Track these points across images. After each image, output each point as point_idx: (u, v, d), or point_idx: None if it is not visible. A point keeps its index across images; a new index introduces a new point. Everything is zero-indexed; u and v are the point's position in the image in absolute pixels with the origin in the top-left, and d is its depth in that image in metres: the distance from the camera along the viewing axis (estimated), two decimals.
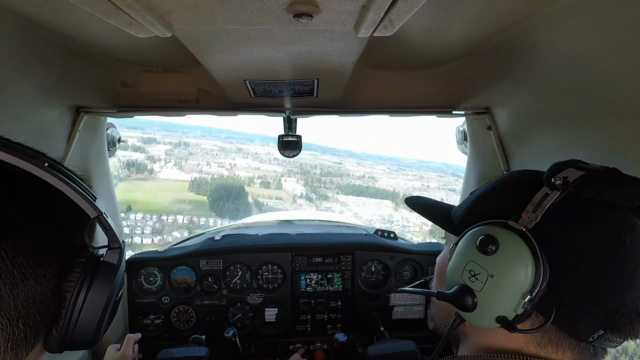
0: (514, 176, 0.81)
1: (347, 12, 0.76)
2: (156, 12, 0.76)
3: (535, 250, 0.64)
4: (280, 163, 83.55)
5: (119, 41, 1.22)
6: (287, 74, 1.29)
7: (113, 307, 0.66)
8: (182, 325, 2.07)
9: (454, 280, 0.73)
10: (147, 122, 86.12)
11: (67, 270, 0.58)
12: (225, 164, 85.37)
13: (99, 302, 0.60)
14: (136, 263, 2.03)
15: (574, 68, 1.06)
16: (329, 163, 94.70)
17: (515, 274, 0.64)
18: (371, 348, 1.67)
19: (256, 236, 2.21)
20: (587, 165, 0.68)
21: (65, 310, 0.57)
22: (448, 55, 1.39)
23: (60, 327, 0.57)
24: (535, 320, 0.67)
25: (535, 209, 0.65)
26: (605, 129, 1.11)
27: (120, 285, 0.68)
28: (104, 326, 0.64)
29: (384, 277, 2.16)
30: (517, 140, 1.63)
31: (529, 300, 0.63)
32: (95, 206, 0.59)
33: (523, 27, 1.06)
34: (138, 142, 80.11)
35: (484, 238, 0.67)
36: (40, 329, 0.55)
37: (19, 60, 1.14)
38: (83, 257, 0.60)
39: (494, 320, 0.67)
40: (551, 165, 0.70)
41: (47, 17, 1.04)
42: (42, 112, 1.40)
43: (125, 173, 68.82)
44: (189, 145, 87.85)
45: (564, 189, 0.64)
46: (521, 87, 1.37)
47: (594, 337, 0.64)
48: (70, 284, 0.57)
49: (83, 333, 0.59)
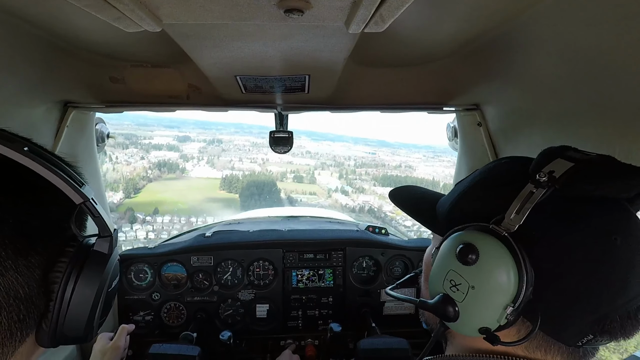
0: (501, 168, 0.75)
1: (338, 7, 0.76)
2: (145, 6, 0.75)
3: (518, 257, 0.60)
4: (313, 156, 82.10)
5: (107, 36, 1.21)
6: (278, 70, 1.29)
7: (107, 298, 0.63)
8: (172, 321, 2.07)
9: (436, 289, 0.70)
10: (182, 121, 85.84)
11: (53, 260, 0.55)
12: (257, 159, 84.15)
13: (89, 293, 0.57)
14: (126, 259, 2.02)
15: (562, 66, 1.07)
16: (362, 154, 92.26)
17: (497, 284, 0.60)
18: (363, 342, 1.68)
19: (247, 232, 2.21)
20: (577, 155, 0.63)
21: (53, 302, 0.55)
22: (438, 52, 1.39)
23: (49, 321, 0.55)
24: (521, 326, 0.65)
25: (520, 209, 0.60)
26: (593, 126, 1.13)
27: (114, 276, 0.65)
28: (98, 319, 0.61)
29: (375, 273, 2.17)
30: (507, 136, 1.65)
31: (512, 311, 0.60)
32: (81, 192, 0.56)
33: (512, 25, 1.06)
34: (173, 140, 79.33)
35: (463, 247, 0.63)
36: (29, 323, 0.53)
37: (5, 56, 1.12)
38: (71, 246, 0.57)
39: (477, 331, 0.64)
40: (538, 155, 0.66)
41: (33, 12, 1.02)
42: (28, 108, 1.38)
43: (156, 173, 67.80)
44: (222, 142, 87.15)
45: (549, 186, 0.59)
46: (510, 85, 1.38)
47: (583, 342, 0.61)
48: (57, 275, 0.55)
49: (73, 327, 0.57)
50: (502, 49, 1.21)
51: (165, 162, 71.81)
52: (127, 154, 70.35)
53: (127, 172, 63.46)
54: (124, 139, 73.82)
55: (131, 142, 74.51)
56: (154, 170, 68.02)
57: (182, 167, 72.08)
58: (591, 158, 0.62)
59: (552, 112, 1.28)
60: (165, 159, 72.73)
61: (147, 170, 66.57)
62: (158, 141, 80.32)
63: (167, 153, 74.99)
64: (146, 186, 61.64)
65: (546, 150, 0.66)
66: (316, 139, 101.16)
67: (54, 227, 0.57)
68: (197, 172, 72.56)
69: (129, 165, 65.74)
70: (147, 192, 59.96)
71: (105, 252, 0.60)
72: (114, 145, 69.00)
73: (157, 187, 64.17)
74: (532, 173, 0.62)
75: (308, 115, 1.92)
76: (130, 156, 70.01)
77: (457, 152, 2.03)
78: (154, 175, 66.96)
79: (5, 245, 0.49)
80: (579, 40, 0.95)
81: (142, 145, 75.77)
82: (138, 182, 60.96)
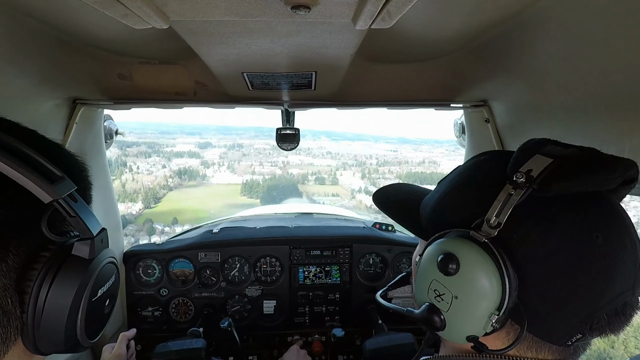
0: (480, 165, 0.73)
1: (345, 3, 0.76)
2: (153, 3, 0.75)
3: (499, 263, 0.58)
4: (334, 156, 79.16)
5: (115, 33, 1.21)
6: (285, 67, 1.29)
7: (94, 307, 0.57)
8: (180, 317, 2.08)
9: (422, 297, 0.69)
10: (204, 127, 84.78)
11: (28, 266, 0.51)
12: (278, 162, 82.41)
13: (63, 303, 0.52)
14: (134, 255, 2.04)
15: (570, 60, 1.06)
16: (383, 152, 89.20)
17: (479, 293, 0.59)
18: (369, 341, 1.69)
19: (254, 229, 2.22)
20: (557, 149, 0.61)
21: (26, 313, 0.51)
22: (445, 48, 1.38)
23: (25, 332, 0.51)
24: (510, 329, 0.64)
25: (499, 212, 0.59)
26: (601, 121, 1.11)
27: (102, 282, 0.59)
28: (82, 329, 0.56)
29: (382, 270, 2.17)
30: (514, 132, 1.63)
31: (497, 319, 0.59)
32: (50, 190, 0.50)
33: (519, 20, 1.05)
34: (195, 147, 78.14)
35: (443, 258, 0.62)
36: (9, 331, 0.50)
37: (13, 53, 1.13)
38: (48, 250, 0.53)
39: (464, 339, 0.64)
40: (517, 150, 0.64)
41: (42, 9, 1.02)
42: (37, 104, 1.39)
43: (177, 182, 66.81)
44: (242, 146, 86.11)
45: (527, 186, 0.58)
46: (518, 80, 1.37)
47: (572, 341, 0.61)
48: (29, 283, 0.50)
49: (51, 337, 0.52)
50: (510, 44, 1.20)
51: (186, 169, 70.64)
52: (149, 162, 69.38)
53: (149, 181, 62.13)
54: (147, 147, 73.24)
55: (153, 151, 73.70)
56: (175, 178, 66.74)
57: (203, 174, 70.89)
58: (570, 153, 0.60)
59: (561, 107, 1.27)
60: (186, 166, 72.37)
61: (168, 179, 65.31)
62: (180, 149, 79.31)
63: (189, 160, 73.90)
64: (166, 195, 60.46)
65: (524, 146, 0.64)
66: (336, 138, 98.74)
67: (24, 229, 0.52)
68: (218, 178, 72.22)
69: (151, 175, 64.47)
70: (167, 202, 59.05)
71: (86, 256, 0.55)
72: (136, 155, 67.69)
73: (178, 196, 63.15)
74: (510, 173, 0.60)
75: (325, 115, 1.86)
76: (152, 165, 69.02)
77: (465, 148, 2.02)
78: (174, 184, 65.39)
79: None
80: (587, 33, 0.93)
81: (164, 154, 74.73)
82: (158, 192, 59.39)
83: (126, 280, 2.04)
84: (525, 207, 0.59)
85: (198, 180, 69.18)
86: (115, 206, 2.04)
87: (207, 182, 69.20)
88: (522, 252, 0.60)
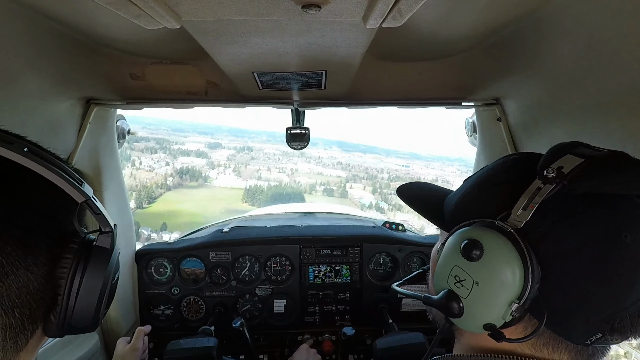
0: (508, 164, 0.74)
1: (356, 2, 0.75)
2: (165, 4, 0.76)
3: (523, 254, 0.59)
4: (344, 167, 75.61)
5: (128, 33, 1.23)
6: (295, 66, 1.29)
7: (111, 290, 0.66)
8: (191, 315, 2.10)
9: (441, 284, 0.69)
10: (217, 128, 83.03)
11: (59, 256, 0.57)
12: (286, 169, 79.81)
13: (95, 286, 0.60)
14: (146, 254, 2.06)
15: (586, 57, 1.04)
16: (395, 166, 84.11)
17: (501, 281, 0.60)
18: (379, 341, 1.68)
19: (264, 228, 2.23)
20: (588, 151, 0.62)
21: (62, 296, 0.57)
22: (457, 46, 1.37)
23: (57, 313, 0.57)
24: (528, 323, 0.64)
25: (526, 205, 0.60)
26: (617, 120, 1.09)
27: (116, 269, 0.68)
28: (103, 309, 0.64)
29: (392, 269, 2.16)
30: (527, 131, 1.61)
31: (517, 308, 0.60)
32: (82, 191, 0.58)
33: (533, 18, 1.04)
34: (204, 147, 76.34)
35: (467, 243, 0.63)
36: (38, 317, 0.56)
37: (30, 54, 1.14)
38: (74, 242, 0.59)
39: (482, 328, 0.64)
40: (547, 151, 0.64)
41: (57, 9, 1.04)
42: (52, 104, 1.41)
43: (177, 181, 63.27)
44: (252, 149, 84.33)
45: (557, 182, 0.58)
46: (531, 78, 1.35)
47: (592, 340, 0.59)
48: (64, 270, 0.57)
49: (81, 318, 0.60)
50: (524, 41, 1.18)
51: (189, 169, 67.48)
52: (154, 159, 66.79)
53: (148, 178, 59.00)
54: (156, 143, 71.32)
55: (161, 147, 71.61)
56: (175, 177, 64.54)
57: (206, 175, 68.71)
58: (601, 154, 0.61)
59: (576, 105, 1.25)
60: (189, 165, 69.64)
61: (167, 178, 61.91)
62: (188, 147, 77.03)
63: (195, 159, 71.52)
64: (163, 195, 56.80)
65: (555, 147, 0.64)
66: (348, 149, 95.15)
67: (55, 225, 0.59)
68: (221, 181, 68.60)
69: (152, 172, 61.46)
70: (163, 202, 56.62)
71: (108, 247, 0.63)
72: (141, 150, 65.13)
73: (175, 197, 60.62)
74: (540, 169, 0.61)
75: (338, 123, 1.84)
76: (156, 161, 66.14)
77: (476, 147, 2.00)
78: (174, 183, 62.10)
79: (14, 244, 0.51)
80: (604, 30, 0.92)
81: (171, 151, 72.43)
82: (154, 191, 55.96)
83: (138, 278, 2.06)
84: (553, 203, 0.59)
85: (200, 182, 67.13)
86: (127, 205, 2.06)
87: (210, 184, 66.42)
88: (547, 245, 0.60)
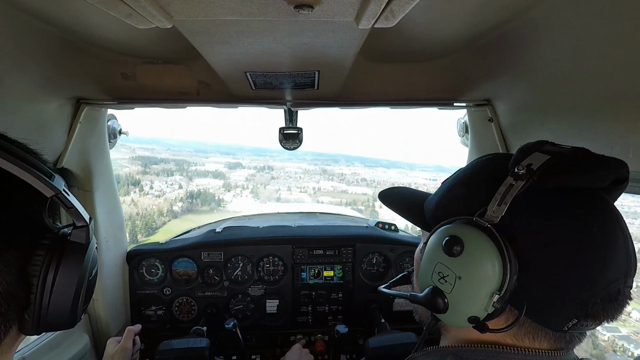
0: (482, 164, 0.78)
1: (348, 2, 0.76)
2: (156, 3, 0.75)
3: (501, 247, 0.62)
4: (369, 184, 71.19)
5: (118, 32, 1.22)
6: (288, 66, 1.29)
7: (89, 286, 0.64)
8: (183, 316, 2.09)
9: (425, 282, 0.72)
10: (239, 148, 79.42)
11: (30, 254, 0.56)
12: (307, 188, 72.94)
13: (70, 282, 0.59)
14: (137, 255, 2.04)
15: (573, 60, 1.06)
16: (422, 180, 73.68)
17: (482, 274, 0.63)
18: (371, 340, 1.68)
19: (257, 228, 2.22)
20: (554, 148, 0.66)
21: (34, 295, 0.56)
22: (449, 48, 1.38)
23: (31, 312, 0.56)
24: (509, 315, 0.67)
25: (501, 201, 0.63)
26: (605, 121, 1.11)
27: (93, 264, 0.66)
28: (81, 306, 0.63)
29: (385, 269, 2.17)
30: (518, 132, 1.63)
31: (498, 299, 0.63)
32: (50, 184, 0.56)
33: (523, 20, 1.05)
34: (223, 167, 72.71)
35: (448, 240, 0.66)
36: (11, 316, 0.55)
37: (17, 53, 1.13)
38: (46, 238, 0.58)
39: (466, 321, 0.67)
40: (517, 150, 0.68)
41: (45, 9, 1.03)
42: (41, 104, 1.39)
43: (186, 206, 55.32)
44: (272, 168, 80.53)
45: (528, 178, 0.62)
46: (521, 80, 1.36)
47: (569, 326, 0.63)
48: (36, 268, 0.56)
49: (58, 315, 0.58)
50: (514, 44, 1.19)
51: (200, 192, 60.36)
52: (168, 182, 60.71)
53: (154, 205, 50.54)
54: (174, 164, 67.12)
55: (178, 169, 66.66)
56: (185, 202, 56.29)
57: (219, 199, 60.69)
58: (566, 150, 0.66)
59: (564, 107, 1.26)
60: (204, 187, 62.63)
61: (174, 203, 53.27)
62: (207, 167, 71.80)
63: (211, 181, 65.86)
64: (166, 225, 46.51)
65: (524, 146, 0.69)
66: (370, 165, 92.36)
67: (27, 221, 0.57)
68: (236, 204, 58.24)
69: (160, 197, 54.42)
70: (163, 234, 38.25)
71: (83, 242, 0.61)
72: (157, 173, 61.15)
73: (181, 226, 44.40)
74: (512, 167, 0.65)
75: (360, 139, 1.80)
76: (169, 185, 60.02)
77: (468, 148, 2.02)
78: (182, 209, 53.07)
79: None
80: (591, 33, 0.93)
81: (188, 173, 66.96)
82: (155, 221, 46.19)
83: (130, 279, 2.04)
84: (526, 199, 0.64)
85: (212, 205, 58.78)
86: (118, 205, 2.04)
87: (223, 208, 58.72)
88: (523, 239, 0.64)
